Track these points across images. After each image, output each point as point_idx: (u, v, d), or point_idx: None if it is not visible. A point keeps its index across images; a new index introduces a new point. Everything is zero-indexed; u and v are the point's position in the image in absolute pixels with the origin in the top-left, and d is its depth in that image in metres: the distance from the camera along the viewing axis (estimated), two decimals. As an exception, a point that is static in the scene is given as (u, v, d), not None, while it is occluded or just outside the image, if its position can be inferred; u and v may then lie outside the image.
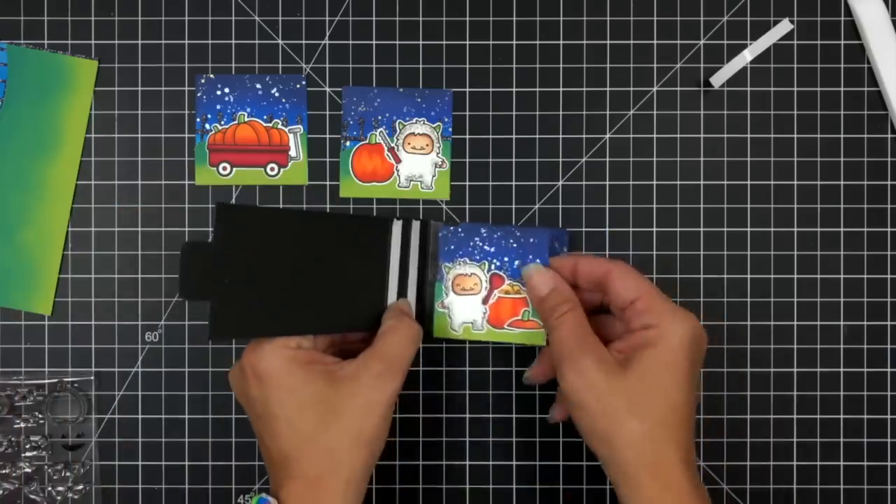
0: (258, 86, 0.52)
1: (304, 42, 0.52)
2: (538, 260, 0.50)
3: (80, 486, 0.51)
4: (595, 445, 0.43)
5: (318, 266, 0.47)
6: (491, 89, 0.52)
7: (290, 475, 0.42)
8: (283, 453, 0.43)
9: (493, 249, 0.50)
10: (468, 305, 0.50)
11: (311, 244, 0.47)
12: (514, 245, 0.50)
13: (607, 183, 0.52)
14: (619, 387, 0.42)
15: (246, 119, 0.52)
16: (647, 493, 0.42)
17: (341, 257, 0.48)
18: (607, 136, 0.52)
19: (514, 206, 0.52)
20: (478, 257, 0.50)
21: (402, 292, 0.49)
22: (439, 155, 0.52)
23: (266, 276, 0.46)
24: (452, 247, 0.50)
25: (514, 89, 0.52)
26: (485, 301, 0.50)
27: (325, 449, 0.42)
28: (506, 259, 0.50)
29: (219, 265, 0.45)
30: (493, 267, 0.50)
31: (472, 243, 0.50)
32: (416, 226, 0.50)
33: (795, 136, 0.52)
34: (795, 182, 0.52)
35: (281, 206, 0.52)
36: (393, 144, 0.52)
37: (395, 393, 0.44)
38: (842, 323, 0.52)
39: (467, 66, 0.52)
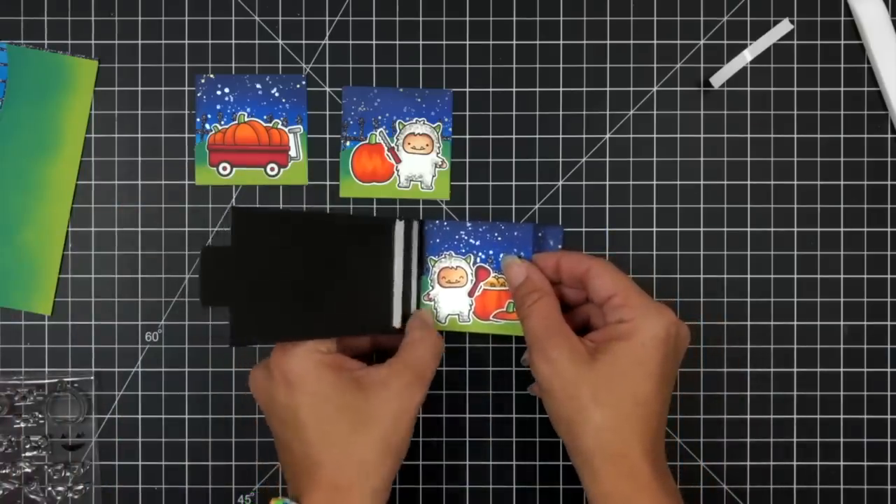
0: (258, 86, 0.52)
1: (304, 42, 0.52)
2: (522, 253, 0.50)
3: (80, 486, 0.51)
4: (561, 433, 0.44)
5: (328, 268, 0.47)
6: (491, 89, 0.52)
7: (316, 482, 0.42)
8: (311, 460, 0.42)
9: (478, 243, 0.51)
10: (454, 298, 0.51)
11: (321, 246, 0.47)
12: (500, 238, 0.51)
13: (607, 183, 0.52)
14: (586, 376, 0.43)
15: (246, 119, 0.52)
16: (606, 483, 0.42)
17: (348, 259, 0.48)
18: (607, 136, 0.52)
19: (514, 206, 0.52)
20: (463, 251, 0.51)
21: (406, 292, 0.49)
22: (439, 155, 0.52)
23: (281, 280, 0.46)
24: (438, 240, 0.51)
25: (514, 89, 0.52)
26: (470, 293, 0.51)
27: (356, 458, 0.42)
28: (491, 252, 0.51)
29: (237, 270, 0.46)
30: (478, 260, 0.51)
31: (457, 237, 0.51)
32: (415, 226, 0.50)
33: (795, 136, 0.52)
34: (795, 182, 0.52)
35: (289, 208, 0.52)
36: (393, 144, 0.52)
37: (421, 403, 0.44)
38: (842, 323, 0.52)
39: (467, 66, 0.52)
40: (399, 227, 0.49)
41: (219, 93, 0.52)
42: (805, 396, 0.52)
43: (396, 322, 0.49)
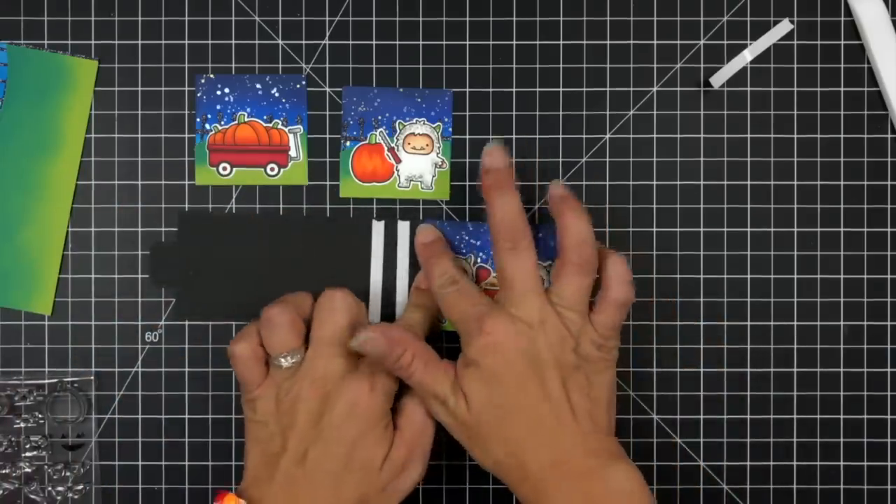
0: (258, 86, 0.52)
1: (304, 42, 0.52)
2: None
3: (80, 486, 0.52)
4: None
5: (293, 264, 0.51)
6: (491, 89, 0.52)
7: None
8: (318, 487, 0.44)
9: (479, 243, 0.51)
10: None
11: (279, 245, 0.51)
12: None
13: (607, 183, 0.52)
14: (464, 430, 0.44)
15: (246, 119, 0.52)
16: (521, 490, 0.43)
17: (322, 256, 0.51)
18: (607, 136, 0.52)
19: (514, 206, 0.52)
20: (464, 251, 0.51)
21: (387, 292, 0.51)
22: (439, 155, 0.52)
23: (230, 270, 0.50)
24: None
25: (514, 89, 0.52)
26: None
27: None
28: (492, 253, 0.51)
29: (181, 260, 0.51)
30: (479, 260, 0.51)
31: (458, 237, 0.51)
32: (402, 226, 0.51)
33: (795, 136, 0.52)
34: (795, 182, 0.52)
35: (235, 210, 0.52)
36: (393, 144, 0.52)
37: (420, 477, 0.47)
38: (842, 323, 0.52)
39: (467, 66, 0.52)
40: (378, 226, 0.51)
41: (219, 93, 0.52)
42: (805, 396, 0.52)
43: (374, 319, 0.51)
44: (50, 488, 0.52)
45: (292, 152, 0.52)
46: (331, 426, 0.44)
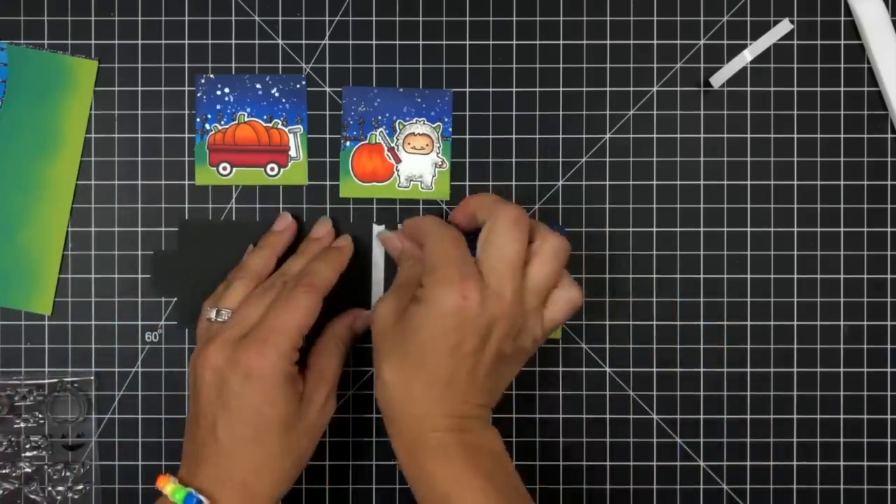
0: (258, 86, 0.52)
1: (304, 42, 0.52)
2: None
3: (80, 486, 0.52)
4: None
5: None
6: (491, 89, 0.52)
7: (228, 479, 0.44)
8: (231, 455, 0.44)
9: None
10: None
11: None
12: None
13: (607, 183, 0.52)
14: (388, 332, 0.45)
15: (246, 119, 0.52)
16: (393, 439, 0.45)
17: None
18: (607, 136, 0.52)
19: (514, 206, 0.52)
20: None
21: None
22: (439, 155, 0.52)
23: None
24: None
25: (514, 89, 0.52)
26: None
27: (274, 468, 0.44)
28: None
29: (181, 268, 0.51)
30: None
31: None
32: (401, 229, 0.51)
33: (795, 136, 0.52)
34: (795, 182, 0.52)
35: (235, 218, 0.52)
36: (393, 144, 0.52)
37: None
38: (842, 323, 0.52)
39: (467, 66, 0.52)
40: (378, 230, 0.51)
41: (219, 93, 0.52)
42: (805, 396, 0.52)
43: None
44: (50, 488, 0.52)
45: (292, 152, 0.52)
46: (231, 395, 0.44)
